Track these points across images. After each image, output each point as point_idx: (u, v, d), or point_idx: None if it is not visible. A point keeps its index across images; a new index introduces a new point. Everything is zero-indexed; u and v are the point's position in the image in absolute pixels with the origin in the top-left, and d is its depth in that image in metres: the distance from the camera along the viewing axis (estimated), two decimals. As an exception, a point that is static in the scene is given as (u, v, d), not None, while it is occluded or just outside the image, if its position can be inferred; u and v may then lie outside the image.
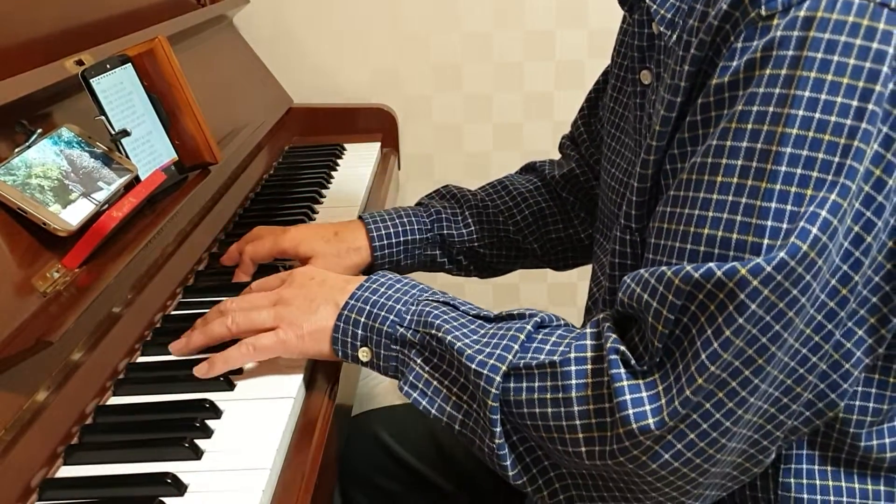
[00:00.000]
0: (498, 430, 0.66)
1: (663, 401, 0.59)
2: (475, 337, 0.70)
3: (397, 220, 1.00)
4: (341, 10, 1.69)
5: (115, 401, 0.77)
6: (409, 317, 0.73)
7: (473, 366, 0.67)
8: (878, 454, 0.66)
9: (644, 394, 0.60)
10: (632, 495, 0.65)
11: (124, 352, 0.83)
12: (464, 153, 1.78)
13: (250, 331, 0.78)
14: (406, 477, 1.01)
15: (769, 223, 0.56)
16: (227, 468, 0.67)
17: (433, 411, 0.71)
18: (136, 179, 0.89)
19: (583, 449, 0.63)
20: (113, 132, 0.89)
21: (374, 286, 0.76)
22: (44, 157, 0.79)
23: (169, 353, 0.84)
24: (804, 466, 0.67)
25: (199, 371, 0.77)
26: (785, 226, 0.56)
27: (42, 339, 0.67)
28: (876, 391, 0.65)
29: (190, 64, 1.10)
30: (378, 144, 1.58)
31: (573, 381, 0.64)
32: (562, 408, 0.64)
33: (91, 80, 0.88)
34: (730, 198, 0.58)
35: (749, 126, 0.57)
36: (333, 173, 1.41)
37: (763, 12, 0.57)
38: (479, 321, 0.73)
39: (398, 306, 0.74)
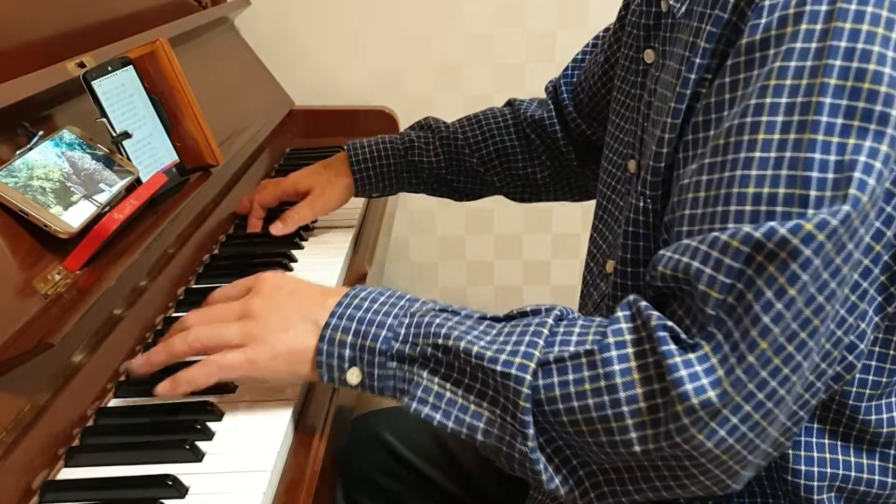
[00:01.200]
0: (531, 432, 0.62)
1: (721, 372, 0.57)
2: (489, 338, 0.65)
3: (374, 147, 1.13)
4: (342, 12, 1.69)
5: (115, 403, 0.77)
6: (403, 330, 0.67)
7: (499, 367, 0.62)
8: (877, 428, 0.67)
9: (698, 367, 0.58)
10: (675, 482, 0.63)
11: (125, 354, 0.83)
12: (465, 155, 1.78)
13: (215, 348, 0.71)
14: (409, 477, 1.01)
15: (814, 174, 0.56)
16: (228, 470, 0.67)
17: (450, 424, 0.66)
18: (138, 181, 0.89)
19: (633, 435, 0.60)
20: (114, 134, 0.89)
21: (357, 301, 0.70)
22: (45, 158, 0.79)
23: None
24: (803, 438, 0.67)
25: (161, 390, 0.71)
26: (830, 175, 0.56)
27: (43, 340, 0.67)
28: (876, 364, 0.66)
29: (191, 66, 1.10)
30: (379, 146, 1.58)
31: (616, 367, 0.60)
32: (605, 396, 0.60)
33: (92, 82, 0.88)
34: (772, 154, 0.57)
35: (788, 81, 0.57)
36: (335, 175, 1.41)
37: None
38: (487, 322, 0.68)
39: (389, 320, 0.68)
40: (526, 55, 1.72)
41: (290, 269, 1.04)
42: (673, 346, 0.58)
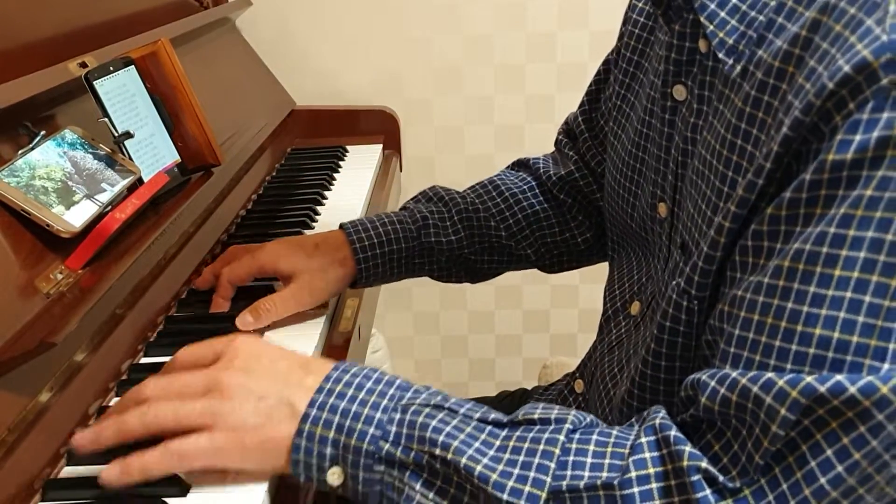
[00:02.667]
0: None
1: None
2: (493, 453, 0.57)
3: (381, 230, 0.93)
4: (343, 13, 1.70)
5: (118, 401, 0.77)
6: (394, 428, 0.59)
7: (505, 496, 0.55)
8: None
9: None
10: None
11: (127, 353, 0.83)
12: (465, 155, 1.79)
13: (175, 429, 0.61)
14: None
15: None
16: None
17: None
18: (140, 181, 0.89)
19: None
20: (116, 134, 0.90)
21: (340, 387, 0.61)
22: (47, 158, 0.80)
23: (172, 354, 0.84)
24: None
25: (108, 477, 0.61)
26: None
27: (45, 340, 0.67)
28: None
29: (193, 66, 1.11)
30: (380, 146, 1.59)
31: None
32: None
33: (94, 83, 0.89)
34: (848, 294, 0.50)
35: (878, 214, 0.50)
36: (336, 175, 1.42)
37: None
38: (490, 427, 0.59)
39: (377, 415, 0.59)
40: (526, 56, 1.72)
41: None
42: (709, 492, 0.52)
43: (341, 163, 1.48)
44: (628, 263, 0.84)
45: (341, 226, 0.95)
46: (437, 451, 0.57)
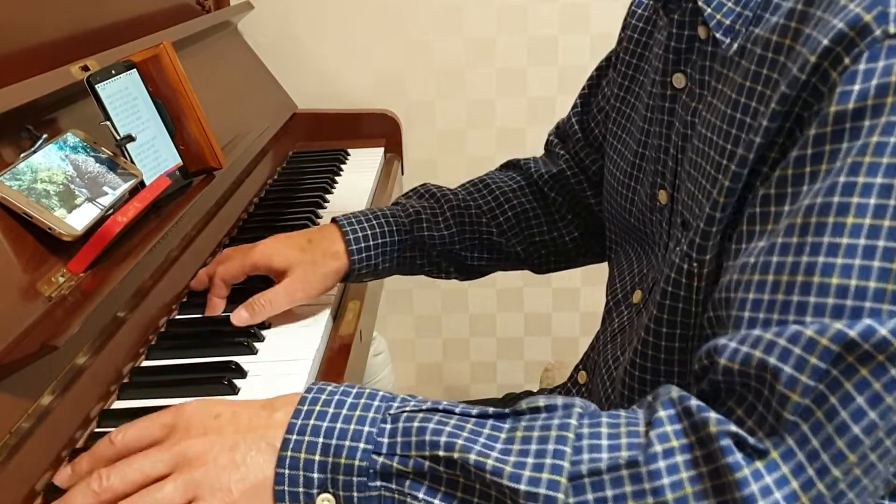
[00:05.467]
0: None
1: (795, 484, 0.50)
2: (502, 445, 0.54)
3: (374, 222, 0.94)
4: (345, 16, 1.70)
5: (119, 405, 0.77)
6: (387, 439, 0.55)
7: (522, 487, 0.52)
8: None
9: (769, 479, 0.50)
10: None
11: (129, 356, 0.83)
12: (467, 158, 1.79)
13: None
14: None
15: None
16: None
17: None
18: (141, 184, 0.89)
19: None
20: (118, 137, 0.90)
21: (319, 408, 0.57)
22: (49, 161, 0.80)
23: (173, 357, 0.84)
24: None
25: None
26: None
27: (47, 343, 0.67)
28: None
29: (194, 69, 1.11)
30: (381, 150, 1.59)
31: (665, 481, 0.51)
32: None
33: (96, 86, 0.89)
34: (862, 241, 0.51)
35: (885, 160, 0.51)
36: (337, 178, 1.42)
37: (891, 30, 0.51)
38: (491, 421, 0.56)
39: (365, 428, 0.55)
40: (528, 59, 1.72)
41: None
42: (739, 456, 0.51)
43: (343, 166, 1.48)
44: (627, 259, 0.85)
45: (334, 219, 0.95)
46: (441, 453, 0.54)
